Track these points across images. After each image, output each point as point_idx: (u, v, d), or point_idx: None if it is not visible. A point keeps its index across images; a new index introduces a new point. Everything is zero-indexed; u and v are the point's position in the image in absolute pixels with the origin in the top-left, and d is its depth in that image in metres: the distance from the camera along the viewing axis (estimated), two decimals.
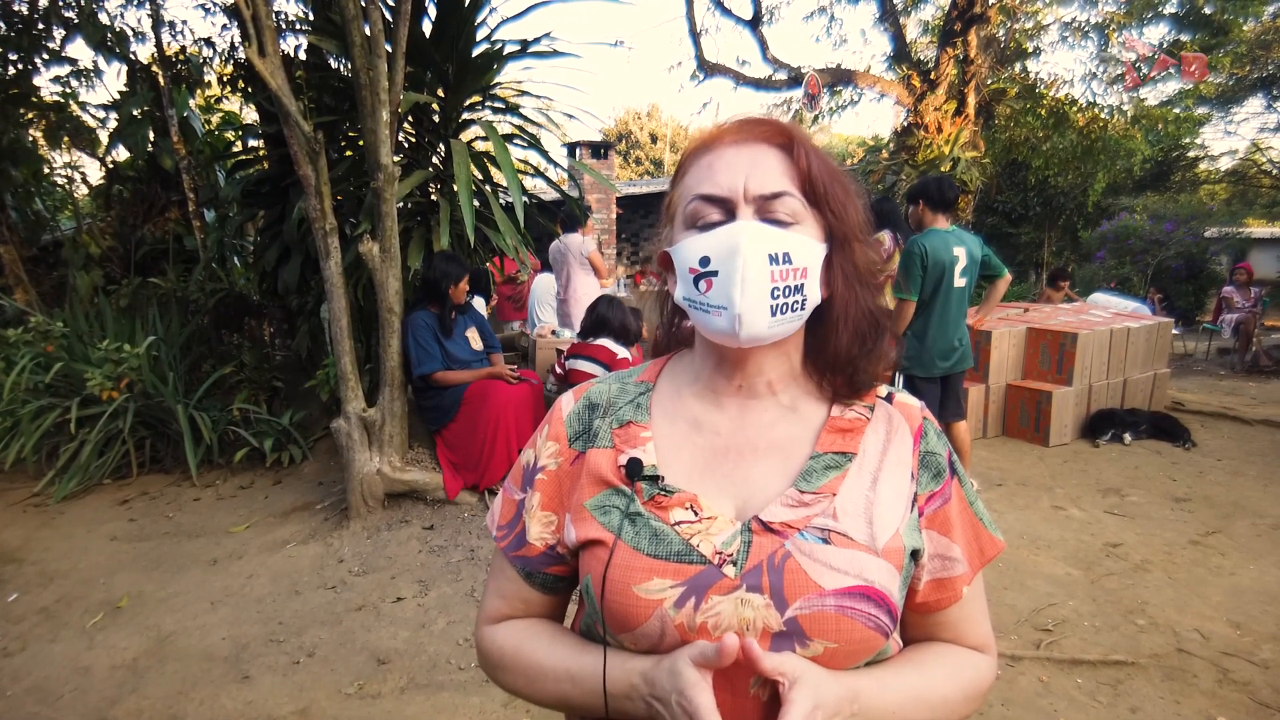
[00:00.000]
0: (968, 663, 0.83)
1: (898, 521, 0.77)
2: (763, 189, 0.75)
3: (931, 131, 8.08)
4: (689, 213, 0.79)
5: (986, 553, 0.85)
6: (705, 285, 0.76)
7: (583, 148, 10.35)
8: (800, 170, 0.76)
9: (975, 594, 0.85)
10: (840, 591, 0.71)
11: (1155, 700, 2.42)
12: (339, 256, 3.83)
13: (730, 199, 0.76)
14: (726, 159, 0.77)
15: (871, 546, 0.75)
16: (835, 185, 0.78)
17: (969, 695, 0.81)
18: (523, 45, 4.50)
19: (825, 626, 0.71)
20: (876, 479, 0.79)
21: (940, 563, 0.81)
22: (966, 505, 0.84)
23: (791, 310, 0.76)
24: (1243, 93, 13.96)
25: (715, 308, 0.76)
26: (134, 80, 5.93)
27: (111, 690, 2.61)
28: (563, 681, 0.80)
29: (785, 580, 0.72)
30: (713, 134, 0.80)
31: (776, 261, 0.74)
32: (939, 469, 0.83)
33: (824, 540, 0.74)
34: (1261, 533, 3.73)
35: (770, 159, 0.77)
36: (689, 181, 0.80)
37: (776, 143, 0.78)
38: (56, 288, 6.20)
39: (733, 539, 0.75)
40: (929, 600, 0.82)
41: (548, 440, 0.89)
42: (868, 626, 0.72)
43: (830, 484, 0.78)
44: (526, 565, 0.87)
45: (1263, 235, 18.63)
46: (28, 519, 4.19)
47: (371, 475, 3.92)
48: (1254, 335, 8.16)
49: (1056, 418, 5.17)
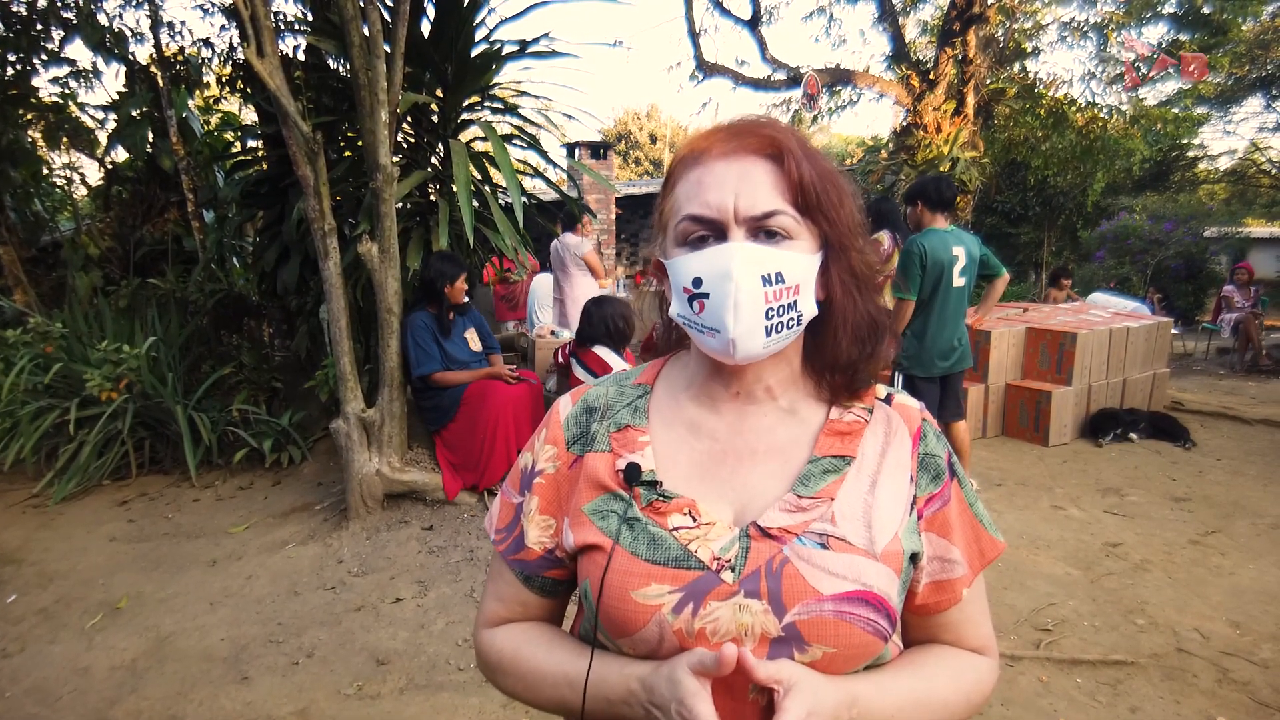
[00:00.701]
0: (968, 665, 0.83)
1: (896, 525, 0.77)
2: (753, 210, 0.74)
3: (931, 131, 8.08)
4: (679, 231, 0.78)
5: (987, 554, 0.84)
6: (699, 306, 0.76)
7: (582, 148, 10.35)
8: (792, 181, 0.74)
9: (976, 595, 0.84)
10: (838, 596, 0.71)
11: (1155, 700, 2.42)
12: (338, 257, 3.83)
13: (720, 220, 0.74)
14: (716, 175, 0.75)
15: (870, 551, 0.74)
16: (829, 191, 0.76)
17: (970, 698, 0.81)
18: (521, 45, 4.50)
19: (824, 632, 0.70)
20: (875, 482, 0.79)
21: (939, 565, 0.81)
22: (966, 507, 0.84)
23: (787, 328, 0.76)
24: (1241, 92, 13.97)
25: (709, 329, 0.76)
26: (133, 81, 5.93)
27: (110, 691, 2.61)
28: (561, 686, 0.80)
29: (783, 586, 0.72)
30: (701, 144, 0.78)
31: (770, 282, 0.73)
32: (938, 471, 0.82)
33: (822, 545, 0.73)
34: (1261, 532, 3.72)
35: (760, 173, 0.75)
36: (679, 196, 0.79)
37: (766, 154, 0.75)
38: (55, 289, 6.20)
39: (731, 545, 0.75)
40: (928, 602, 0.81)
41: (545, 444, 0.89)
42: (866, 631, 0.72)
43: (828, 488, 0.77)
44: (525, 569, 0.87)
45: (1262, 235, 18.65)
46: (27, 520, 4.19)
47: (371, 476, 3.92)
48: (1255, 334, 8.15)
49: (1056, 417, 5.17)
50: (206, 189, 6.16)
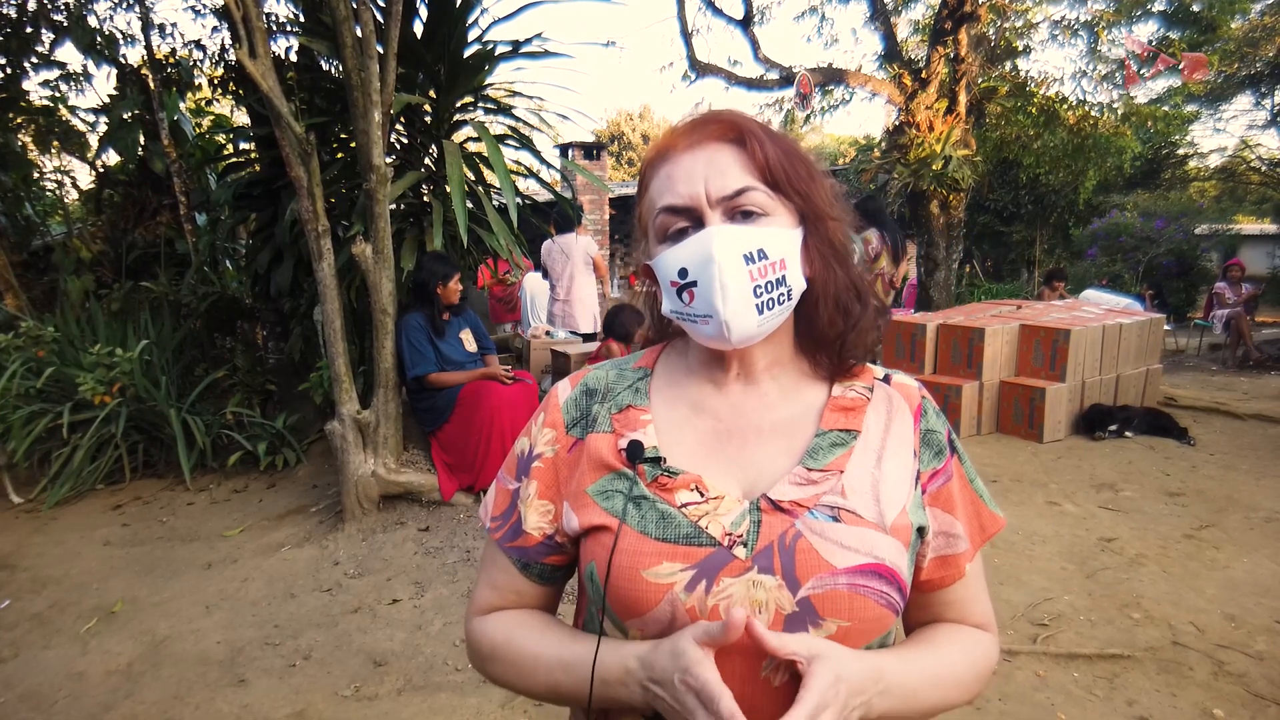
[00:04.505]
0: (976, 641, 0.84)
1: (904, 499, 0.78)
2: (724, 190, 0.75)
3: (923, 130, 8.09)
4: (658, 226, 0.79)
5: (987, 529, 0.85)
6: (688, 296, 0.76)
7: (575, 149, 10.34)
8: (758, 162, 0.76)
9: (977, 571, 0.85)
10: (852, 570, 0.71)
11: (1151, 693, 2.43)
12: (332, 259, 3.82)
13: (694, 207, 0.76)
14: (684, 167, 0.77)
15: (880, 524, 0.75)
16: (797, 167, 0.77)
17: (980, 674, 0.82)
18: (514, 46, 4.50)
19: (838, 606, 0.70)
20: (881, 457, 0.79)
21: (944, 540, 0.82)
22: (967, 483, 0.85)
23: (778, 304, 0.76)
24: (1231, 90, 14.01)
25: (701, 317, 0.76)
26: (124, 84, 5.91)
27: (106, 696, 2.60)
28: (555, 671, 0.79)
29: (797, 560, 0.71)
30: (666, 141, 0.80)
31: (753, 260, 0.74)
32: (940, 447, 0.83)
33: (834, 518, 0.74)
34: (1254, 526, 3.74)
35: (726, 157, 0.76)
36: (652, 194, 0.80)
37: (729, 139, 0.77)
38: (47, 293, 6.17)
39: (741, 519, 0.74)
40: (934, 578, 0.82)
41: (544, 428, 0.88)
42: (880, 604, 0.72)
43: (837, 461, 0.78)
44: (523, 556, 0.86)
45: (1252, 231, 18.77)
46: (20, 525, 4.16)
47: (366, 477, 3.91)
48: (1246, 330, 8.20)
49: (1050, 414, 5.18)
50: (199, 192, 6.14)
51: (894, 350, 5.75)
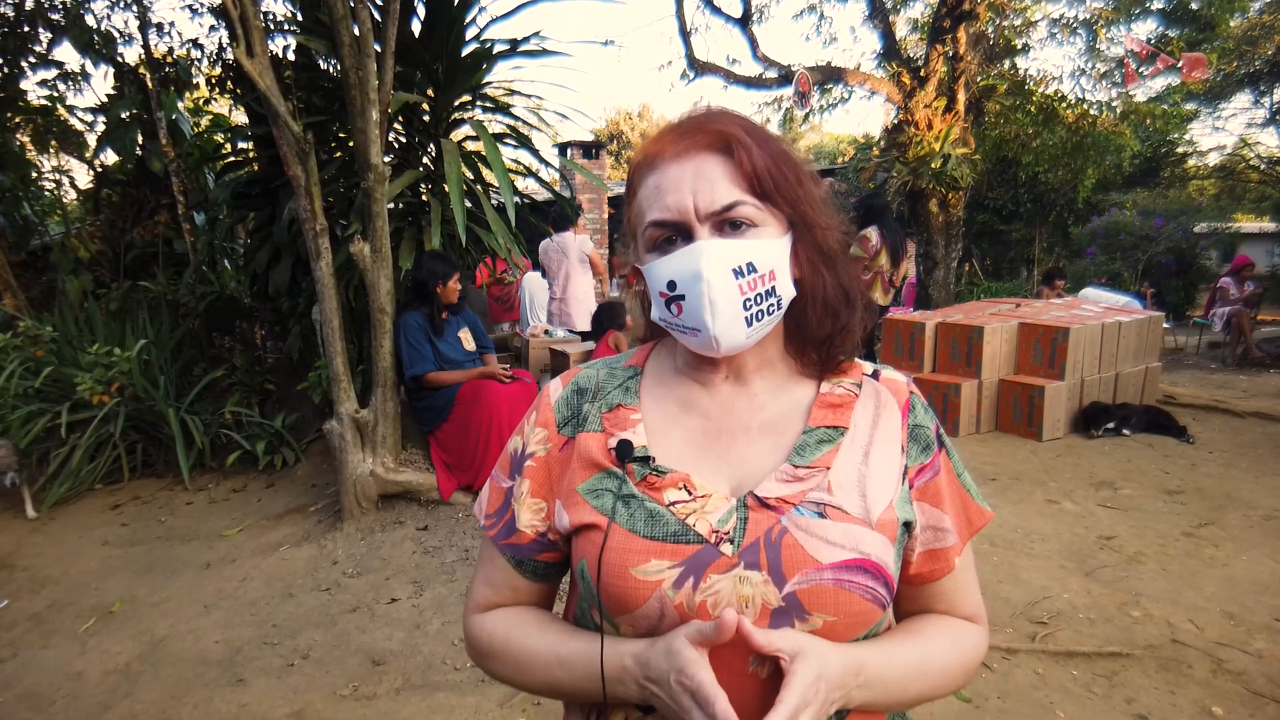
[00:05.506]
0: (964, 633, 0.85)
1: (890, 494, 0.78)
2: (712, 205, 0.74)
3: (922, 128, 8.08)
4: (647, 238, 0.79)
5: (975, 523, 0.86)
6: (677, 309, 0.77)
7: (574, 148, 10.32)
8: (746, 171, 0.75)
9: (966, 564, 0.86)
10: (837, 565, 0.72)
11: (1150, 691, 2.43)
12: (330, 258, 3.82)
13: (683, 221, 0.75)
14: (671, 178, 0.76)
15: (866, 519, 0.75)
16: (785, 173, 0.77)
17: (966, 666, 0.83)
18: (512, 44, 4.49)
19: (824, 600, 0.71)
20: (868, 453, 0.80)
21: (933, 534, 0.82)
22: (955, 477, 0.85)
23: (767, 314, 0.77)
24: (1230, 88, 14.01)
25: (689, 329, 0.77)
26: (122, 83, 5.90)
27: (104, 696, 2.59)
28: (553, 667, 0.80)
29: (783, 556, 0.72)
30: (653, 148, 0.79)
31: (742, 274, 0.74)
32: (927, 442, 0.84)
33: (820, 514, 0.74)
34: (1254, 524, 3.74)
35: (714, 168, 0.75)
36: (641, 203, 0.80)
37: (717, 148, 0.76)
38: (46, 293, 6.17)
39: (728, 516, 0.75)
40: (923, 571, 0.83)
41: (536, 427, 0.89)
42: (865, 599, 0.72)
43: (823, 458, 0.78)
44: (517, 553, 0.87)
45: (1251, 230, 18.78)
46: (18, 525, 4.16)
47: (365, 477, 3.90)
48: (1246, 328, 8.19)
49: (1049, 412, 5.18)
50: (197, 191, 6.13)
51: (893, 348, 5.75)
